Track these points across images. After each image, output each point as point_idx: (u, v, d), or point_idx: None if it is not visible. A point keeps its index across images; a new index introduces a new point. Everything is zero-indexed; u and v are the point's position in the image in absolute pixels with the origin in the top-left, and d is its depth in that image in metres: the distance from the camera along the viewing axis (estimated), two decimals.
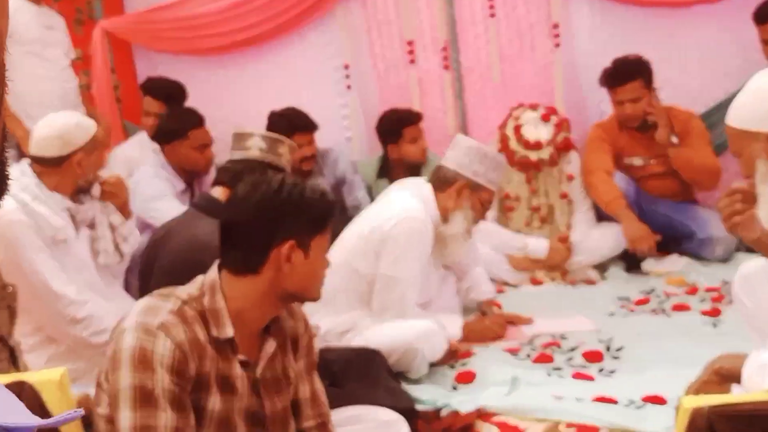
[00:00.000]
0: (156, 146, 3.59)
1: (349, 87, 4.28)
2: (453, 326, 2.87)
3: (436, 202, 2.79)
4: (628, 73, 3.55)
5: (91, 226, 2.56)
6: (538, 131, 3.64)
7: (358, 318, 2.77)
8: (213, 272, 1.59)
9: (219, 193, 2.38)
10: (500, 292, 3.51)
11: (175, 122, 3.44)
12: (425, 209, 2.76)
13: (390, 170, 3.91)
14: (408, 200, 2.79)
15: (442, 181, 2.80)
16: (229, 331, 1.54)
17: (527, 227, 3.77)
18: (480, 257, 3.26)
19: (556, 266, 3.67)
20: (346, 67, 4.26)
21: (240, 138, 2.41)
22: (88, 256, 2.52)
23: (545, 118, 3.68)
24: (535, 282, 3.64)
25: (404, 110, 3.84)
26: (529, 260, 3.69)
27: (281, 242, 1.55)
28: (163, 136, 3.47)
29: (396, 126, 3.83)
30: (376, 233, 2.71)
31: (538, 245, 3.68)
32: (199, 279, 1.60)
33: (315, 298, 1.65)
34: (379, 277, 2.72)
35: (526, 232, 3.77)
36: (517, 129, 3.67)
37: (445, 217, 2.80)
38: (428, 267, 2.85)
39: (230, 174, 2.37)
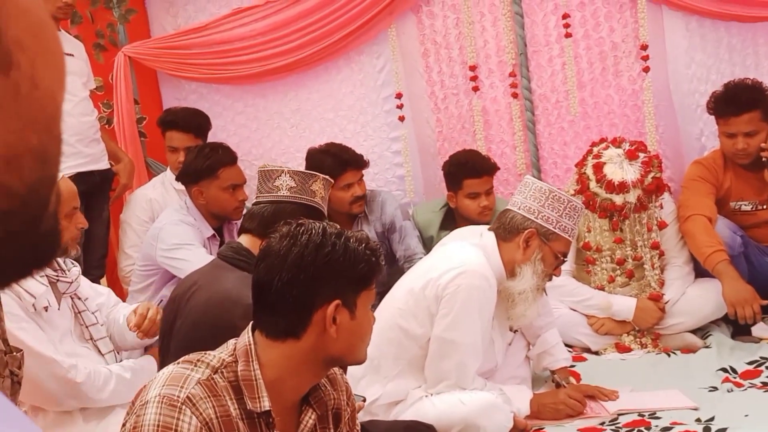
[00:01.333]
0: (181, 187, 3.71)
1: (401, 119, 4.36)
2: (521, 400, 2.85)
3: (501, 253, 2.80)
4: (746, 101, 3.51)
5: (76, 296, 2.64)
6: (623, 170, 3.62)
7: (408, 387, 2.78)
8: (246, 335, 1.62)
9: (246, 241, 2.43)
10: (578, 360, 3.48)
11: (204, 159, 3.52)
12: (488, 262, 2.76)
13: (453, 220, 3.95)
14: (468, 251, 2.80)
15: (507, 230, 2.81)
16: (265, 404, 1.55)
17: (611, 283, 3.74)
18: (554, 318, 3.24)
19: (646, 330, 3.63)
20: (399, 96, 4.35)
21: (266, 177, 2.46)
22: (70, 328, 2.59)
23: (632, 155, 3.67)
24: (621, 349, 3.60)
25: (472, 157, 3.88)
26: (614, 323, 3.65)
27: (325, 303, 1.57)
28: (190, 175, 3.55)
29: (456, 173, 3.87)
30: (431, 289, 2.73)
31: (625, 305, 3.64)
32: (231, 343, 1.63)
33: (361, 360, 1.67)
34: (434, 340, 2.73)
35: (609, 290, 3.73)
36: (599, 168, 3.66)
37: (511, 271, 2.80)
38: (492, 329, 2.85)
39: (257, 219, 2.42)
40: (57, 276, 2.55)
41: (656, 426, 2.78)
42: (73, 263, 2.66)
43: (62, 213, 2.54)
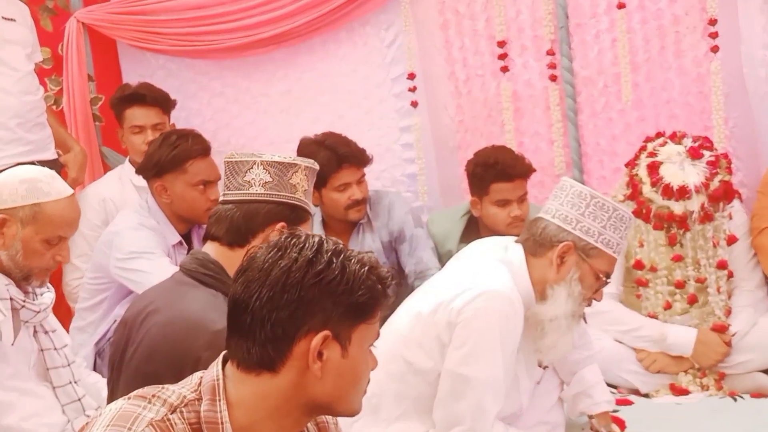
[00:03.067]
0: (143, 183, 3.71)
1: (414, 104, 4.36)
2: None
3: (530, 271, 2.79)
4: None
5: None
6: (684, 172, 3.61)
7: None
8: (215, 368, 1.60)
9: (213, 251, 2.40)
10: (624, 403, 3.47)
11: (170, 149, 3.52)
12: (514, 281, 2.75)
13: (477, 231, 3.95)
14: (489, 268, 2.79)
15: (538, 242, 2.79)
16: None
17: (667, 310, 3.73)
18: (594, 352, 3.22)
19: (709, 368, 3.62)
20: (412, 77, 4.34)
21: (235, 169, 2.41)
22: (29, 364, 2.59)
23: (695, 154, 3.65)
24: (677, 391, 3.59)
25: (502, 155, 3.87)
26: (669, 358, 3.64)
27: (311, 333, 1.54)
28: (153, 167, 3.55)
29: (482, 175, 3.86)
30: (442, 314, 2.72)
31: (682, 337, 3.63)
32: (197, 376, 1.61)
33: (353, 411, 1.63)
34: (445, 376, 2.72)
35: (664, 318, 3.72)
36: (654, 168, 3.65)
37: (542, 293, 2.78)
38: (517, 364, 2.83)
39: (225, 224, 2.39)
40: (23, 302, 2.54)
41: None
42: (48, 287, 2.64)
43: (41, 235, 2.54)
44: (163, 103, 4.14)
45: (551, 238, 2.78)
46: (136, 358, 2.31)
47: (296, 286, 1.55)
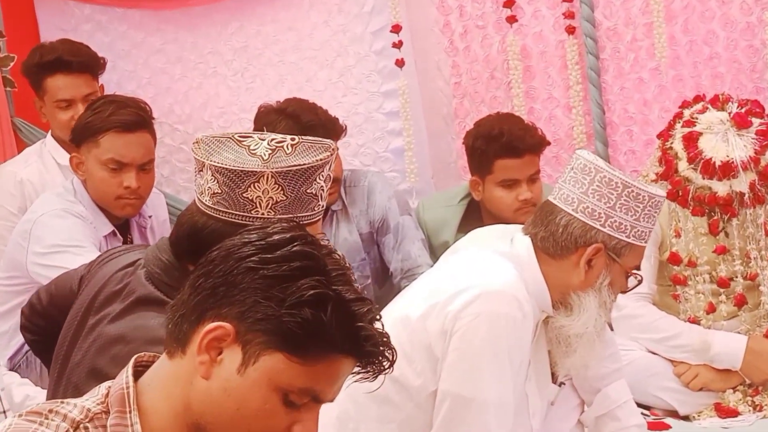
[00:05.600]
0: (66, 160, 3.77)
1: (400, 63, 4.38)
2: None
3: (545, 271, 2.80)
4: None
5: None
6: (728, 145, 3.61)
7: None
8: (124, 375, 1.65)
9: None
10: (658, 428, 3.49)
11: (89, 114, 3.61)
12: (521, 279, 2.77)
13: (479, 219, 3.97)
14: (493, 264, 2.81)
15: (560, 244, 2.79)
16: None
17: (710, 314, 3.73)
18: (622, 365, 3.24)
19: (763, 384, 3.64)
20: (397, 29, 4.35)
21: (195, 165, 2.37)
22: None
23: (742, 122, 3.64)
24: (723, 412, 3.61)
25: (508, 125, 3.90)
26: (713, 373, 3.66)
27: (213, 319, 1.59)
28: (72, 135, 3.65)
29: (484, 150, 3.89)
30: (435, 319, 2.73)
31: (730, 346, 3.65)
32: (104, 386, 1.66)
33: None
34: (442, 397, 2.73)
35: (707, 324, 3.73)
36: (691, 140, 3.65)
37: (561, 298, 2.81)
38: (526, 381, 2.85)
39: (176, 231, 2.41)
40: None
41: None
42: None
43: None
44: (93, 67, 4.14)
45: (576, 239, 2.78)
46: (83, 365, 2.38)
47: (238, 260, 1.59)
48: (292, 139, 2.31)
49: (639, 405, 3.37)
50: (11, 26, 4.54)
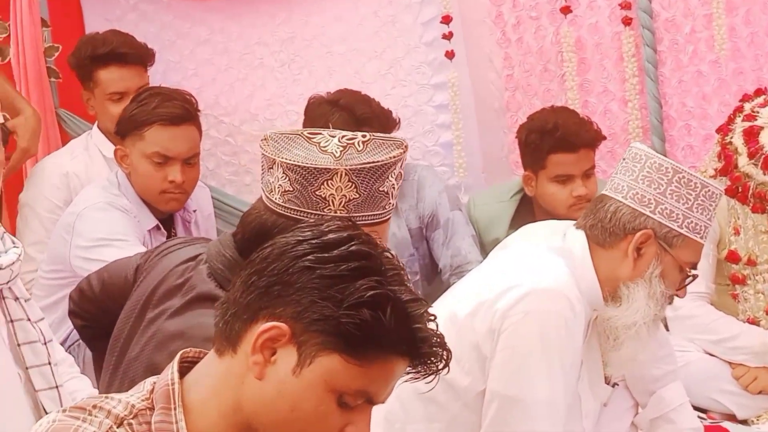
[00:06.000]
0: (113, 152, 3.82)
1: (450, 55, 4.39)
2: None
3: (596, 265, 2.82)
4: None
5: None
6: None
7: None
8: (169, 372, 1.68)
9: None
10: (716, 431, 3.51)
11: (135, 106, 3.67)
12: (574, 277, 2.79)
13: (531, 215, 3.99)
14: (542, 259, 2.83)
15: (608, 230, 2.81)
16: None
17: None
18: (677, 367, 3.24)
19: None
20: (447, 20, 4.36)
21: (263, 161, 2.40)
22: None
23: None
24: None
25: (563, 119, 3.92)
26: None
27: (272, 318, 1.60)
28: (117, 128, 3.72)
29: (538, 145, 3.91)
30: (483, 317, 2.75)
31: None
32: (150, 382, 1.69)
33: None
34: (490, 398, 2.75)
35: (766, 325, 3.73)
36: (752, 135, 3.63)
37: (612, 293, 2.82)
38: (578, 381, 2.86)
39: (241, 228, 2.44)
40: None
41: None
42: (13, 241, 2.61)
43: None
44: (145, 59, 4.19)
45: (625, 225, 2.79)
46: (141, 360, 2.45)
47: (293, 259, 1.60)
48: (363, 137, 2.34)
49: (695, 408, 3.39)
50: (56, 16, 4.57)
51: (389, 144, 2.36)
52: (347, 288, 1.57)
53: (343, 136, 2.33)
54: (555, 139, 3.84)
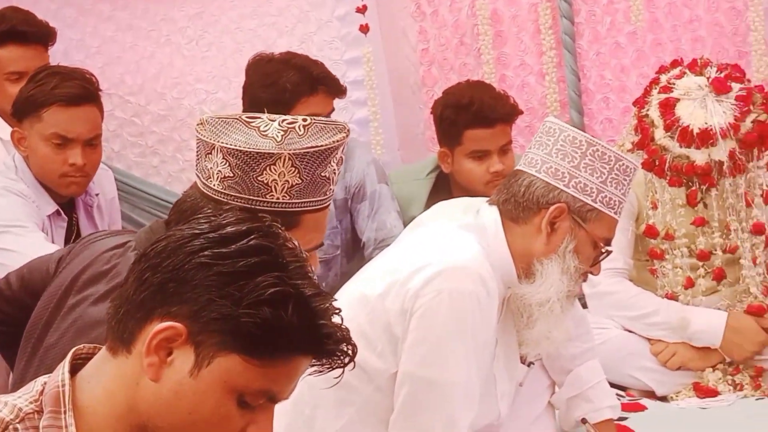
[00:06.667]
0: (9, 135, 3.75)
1: (364, 29, 4.37)
2: None
3: (510, 241, 2.81)
4: None
5: None
6: (706, 111, 3.61)
7: None
8: (60, 371, 1.62)
9: None
10: (633, 409, 3.49)
11: (32, 86, 3.58)
12: (486, 254, 2.77)
13: (448, 192, 3.98)
14: (455, 237, 2.80)
15: (521, 204, 2.81)
16: None
17: (688, 290, 3.74)
18: (595, 344, 3.25)
19: (743, 362, 3.65)
20: None
21: (199, 147, 2.34)
22: None
23: (721, 87, 3.64)
24: (702, 392, 3.62)
25: (478, 93, 3.91)
26: (692, 351, 3.67)
27: (164, 317, 1.54)
28: (13, 109, 3.64)
29: (453, 120, 3.91)
30: (394, 297, 2.72)
31: (709, 323, 3.66)
32: (40, 382, 1.63)
33: None
34: (402, 380, 2.73)
35: (686, 300, 3.73)
36: (668, 107, 3.64)
37: (526, 269, 2.81)
38: (493, 361, 2.86)
39: (176, 215, 2.38)
40: None
41: None
42: None
43: None
44: (46, 38, 4.12)
45: (538, 199, 2.79)
46: (59, 347, 2.40)
47: (188, 254, 1.55)
48: (304, 120, 2.31)
49: (615, 386, 3.41)
50: None
51: (331, 128, 2.34)
52: (246, 285, 1.52)
53: (283, 120, 2.30)
54: (470, 114, 3.84)
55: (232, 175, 2.26)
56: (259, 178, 2.26)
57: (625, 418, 3.36)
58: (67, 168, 3.56)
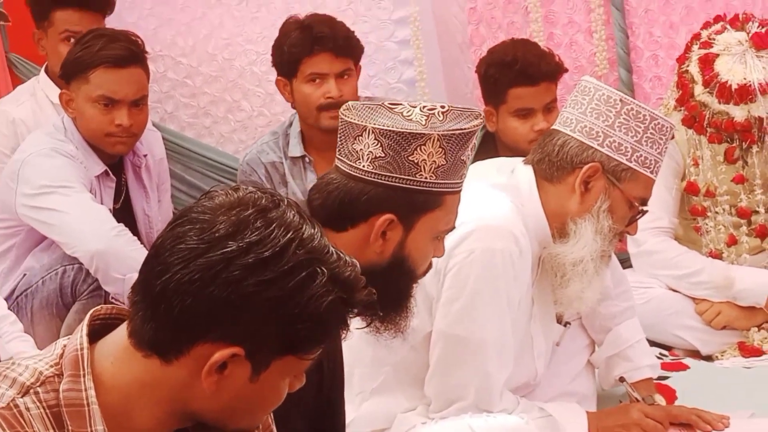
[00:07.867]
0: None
1: None
2: (573, 423, 2.87)
3: (544, 200, 2.83)
4: None
5: None
6: (746, 67, 3.59)
7: (395, 409, 2.84)
8: (78, 334, 1.62)
9: None
10: (675, 368, 3.51)
11: (79, 49, 3.65)
12: (520, 213, 2.79)
13: (494, 150, 3.99)
14: (487, 197, 2.82)
15: (555, 164, 2.82)
16: None
17: (731, 248, 3.75)
18: (633, 303, 3.26)
19: None
20: None
21: (346, 131, 2.37)
22: None
23: (761, 42, 3.61)
24: (747, 351, 3.64)
25: (523, 51, 3.91)
26: (737, 310, 3.69)
27: (220, 342, 1.54)
28: (61, 72, 3.70)
29: (498, 78, 3.91)
30: None
31: (755, 282, 3.67)
32: (60, 344, 1.63)
33: (244, 429, 1.67)
34: (437, 338, 2.77)
35: (730, 259, 3.74)
36: (707, 63, 3.63)
37: (560, 229, 2.83)
38: (529, 321, 2.89)
39: (321, 198, 2.40)
40: None
41: None
42: None
43: None
44: (105, 6, 4.14)
45: (572, 158, 2.80)
46: None
47: (230, 284, 1.51)
48: (442, 107, 2.39)
49: (659, 345, 3.44)
50: None
51: (467, 114, 2.40)
52: (299, 303, 1.53)
53: (423, 106, 2.39)
54: (514, 72, 3.83)
55: (383, 155, 2.32)
56: (410, 158, 2.32)
57: (666, 377, 3.38)
58: (114, 128, 3.63)
